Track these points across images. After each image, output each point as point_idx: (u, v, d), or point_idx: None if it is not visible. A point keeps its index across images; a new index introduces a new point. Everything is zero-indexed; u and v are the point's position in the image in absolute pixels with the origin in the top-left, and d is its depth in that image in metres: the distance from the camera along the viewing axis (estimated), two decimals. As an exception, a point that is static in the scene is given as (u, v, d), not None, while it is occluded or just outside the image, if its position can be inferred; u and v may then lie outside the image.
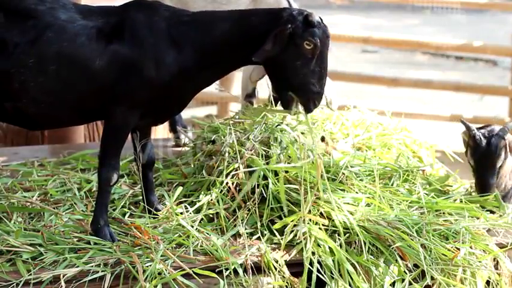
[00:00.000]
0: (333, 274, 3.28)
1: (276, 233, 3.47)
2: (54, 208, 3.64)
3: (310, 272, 3.29)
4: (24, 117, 3.35)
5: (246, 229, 3.48)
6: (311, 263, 3.30)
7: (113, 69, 3.26)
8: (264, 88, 4.27)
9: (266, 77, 3.65)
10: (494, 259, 3.52)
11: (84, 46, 3.26)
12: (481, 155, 3.82)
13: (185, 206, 3.61)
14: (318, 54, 3.31)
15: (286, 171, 3.65)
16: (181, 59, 3.31)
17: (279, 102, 4.36)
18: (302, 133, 3.90)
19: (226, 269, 3.21)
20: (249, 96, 4.50)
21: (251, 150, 3.72)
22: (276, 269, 3.28)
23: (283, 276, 3.28)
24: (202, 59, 3.35)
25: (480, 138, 3.80)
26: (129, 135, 3.48)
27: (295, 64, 3.32)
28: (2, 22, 3.23)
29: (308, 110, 3.44)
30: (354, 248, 3.41)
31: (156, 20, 3.33)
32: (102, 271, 3.15)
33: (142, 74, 3.27)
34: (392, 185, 3.88)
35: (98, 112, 3.39)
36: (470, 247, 3.49)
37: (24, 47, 3.22)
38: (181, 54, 3.32)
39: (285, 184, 3.58)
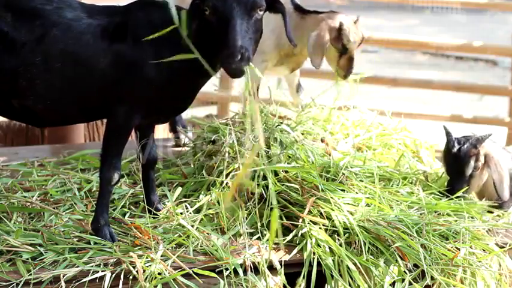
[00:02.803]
0: (332, 274, 3.29)
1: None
2: (54, 208, 3.64)
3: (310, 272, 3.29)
4: (30, 114, 3.37)
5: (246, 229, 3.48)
6: (311, 263, 3.30)
7: (116, 68, 3.27)
8: (264, 89, 4.27)
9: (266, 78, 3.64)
10: (499, 264, 3.52)
11: (89, 45, 3.27)
12: (451, 160, 3.88)
13: (185, 206, 3.62)
14: (217, 17, 3.12)
15: (286, 171, 3.65)
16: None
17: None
18: (302, 133, 3.89)
19: (226, 269, 3.21)
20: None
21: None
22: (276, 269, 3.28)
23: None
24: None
25: (453, 143, 3.86)
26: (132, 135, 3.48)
27: (209, 33, 3.18)
28: (10, 22, 3.25)
29: (228, 69, 3.07)
30: (354, 248, 3.41)
31: (156, 19, 3.33)
32: (102, 271, 3.15)
33: (143, 73, 3.27)
34: (392, 186, 3.87)
35: (101, 110, 3.41)
36: (470, 247, 3.49)
37: (31, 45, 3.24)
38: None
39: (284, 184, 3.58)
